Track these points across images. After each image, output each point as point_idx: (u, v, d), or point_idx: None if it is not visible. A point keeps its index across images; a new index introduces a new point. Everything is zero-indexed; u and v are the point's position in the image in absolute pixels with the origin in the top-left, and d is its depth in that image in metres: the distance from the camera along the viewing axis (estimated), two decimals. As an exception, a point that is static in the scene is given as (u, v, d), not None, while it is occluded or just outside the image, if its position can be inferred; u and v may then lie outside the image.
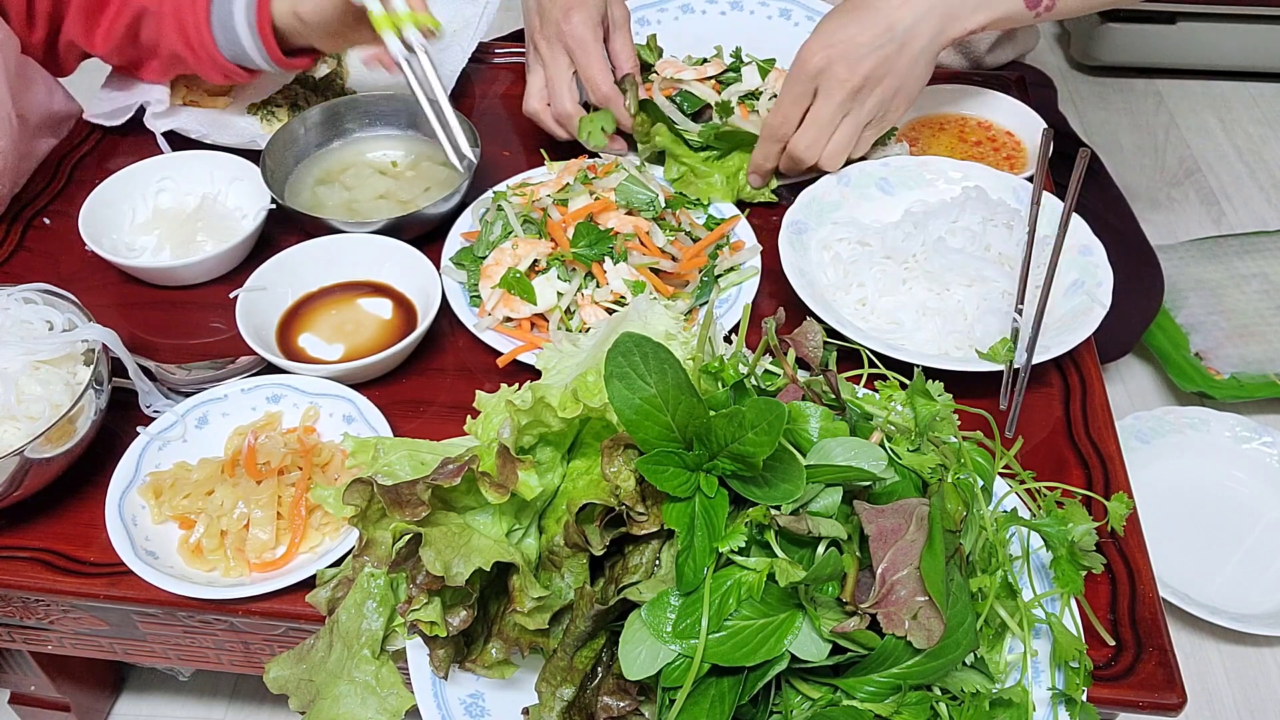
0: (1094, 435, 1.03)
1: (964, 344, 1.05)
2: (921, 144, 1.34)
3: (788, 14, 1.49)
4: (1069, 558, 0.83)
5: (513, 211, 1.12)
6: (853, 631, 0.66)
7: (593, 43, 1.21)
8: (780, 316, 0.84)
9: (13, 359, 0.94)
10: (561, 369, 0.85)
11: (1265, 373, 1.84)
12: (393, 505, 0.69)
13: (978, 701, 0.70)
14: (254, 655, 1.02)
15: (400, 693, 0.76)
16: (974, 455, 0.83)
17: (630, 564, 0.70)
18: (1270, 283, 1.97)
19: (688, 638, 0.65)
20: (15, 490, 0.92)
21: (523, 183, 1.20)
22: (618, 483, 0.69)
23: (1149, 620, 0.88)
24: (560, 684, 0.71)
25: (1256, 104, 2.60)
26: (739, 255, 1.14)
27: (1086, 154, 1.19)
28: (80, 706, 1.35)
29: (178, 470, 0.96)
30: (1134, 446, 1.70)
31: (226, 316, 1.08)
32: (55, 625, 1.02)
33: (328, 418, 1.01)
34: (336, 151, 1.29)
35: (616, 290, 1.05)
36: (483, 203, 1.19)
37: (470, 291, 1.11)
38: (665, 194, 1.16)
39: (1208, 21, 2.52)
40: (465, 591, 0.70)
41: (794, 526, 0.67)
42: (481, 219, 1.17)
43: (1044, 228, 1.13)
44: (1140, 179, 2.38)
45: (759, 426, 0.64)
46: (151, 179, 1.23)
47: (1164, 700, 0.84)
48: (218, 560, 0.91)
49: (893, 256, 1.11)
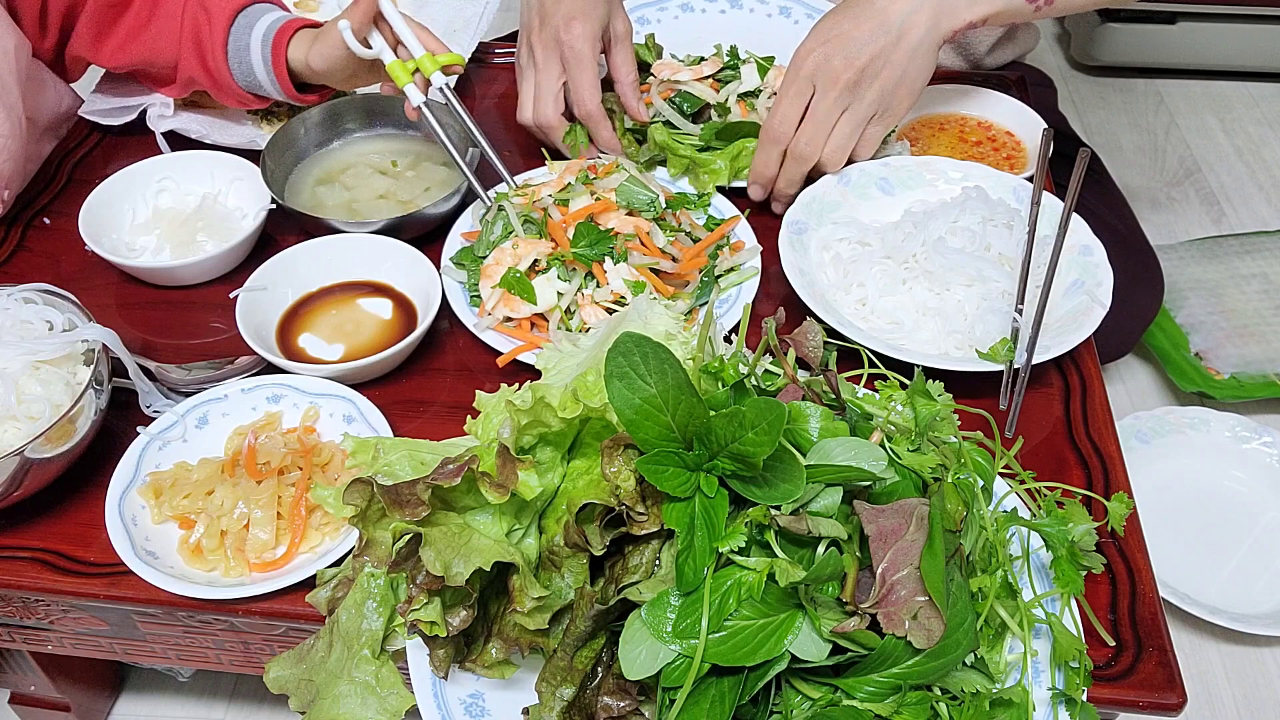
0: (1094, 435, 1.03)
1: (964, 344, 1.05)
2: (922, 144, 1.34)
3: (788, 11, 1.49)
4: (1069, 558, 0.83)
5: (514, 211, 1.12)
6: (853, 631, 0.66)
7: (589, 57, 1.20)
8: (780, 316, 0.84)
9: (13, 359, 0.94)
10: (561, 369, 0.85)
11: (1265, 373, 1.84)
12: (393, 505, 0.69)
13: (978, 701, 0.70)
14: (254, 655, 1.01)
15: (400, 693, 0.76)
16: (974, 455, 0.83)
17: (630, 564, 0.70)
18: (1270, 283, 1.97)
19: (688, 638, 0.65)
20: (15, 490, 0.92)
21: (525, 183, 1.20)
22: (618, 483, 0.69)
23: (1149, 620, 0.88)
24: (560, 684, 0.71)
25: (1256, 104, 2.60)
26: (739, 255, 1.14)
27: (1086, 154, 1.19)
28: (80, 706, 1.35)
29: (178, 470, 0.96)
30: (1134, 446, 1.70)
31: (226, 316, 1.08)
32: (55, 625, 1.02)
33: (328, 418, 1.01)
34: (336, 151, 1.29)
35: (617, 290, 1.05)
36: (482, 204, 1.19)
37: (470, 291, 1.11)
38: (665, 194, 1.16)
39: (1208, 21, 2.52)
40: (465, 591, 0.70)
41: (794, 526, 0.67)
42: (482, 219, 1.17)
43: (1044, 228, 1.13)
44: (1140, 179, 2.38)
45: (759, 426, 0.64)
46: (151, 179, 1.23)
47: (1164, 700, 0.84)
48: (218, 560, 0.91)
49: (893, 256, 1.11)
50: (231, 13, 1.23)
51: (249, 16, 1.23)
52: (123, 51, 1.26)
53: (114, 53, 1.27)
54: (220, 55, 1.22)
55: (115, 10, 1.25)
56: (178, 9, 1.24)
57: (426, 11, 1.49)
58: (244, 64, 1.23)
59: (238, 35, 1.22)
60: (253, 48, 1.22)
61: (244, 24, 1.23)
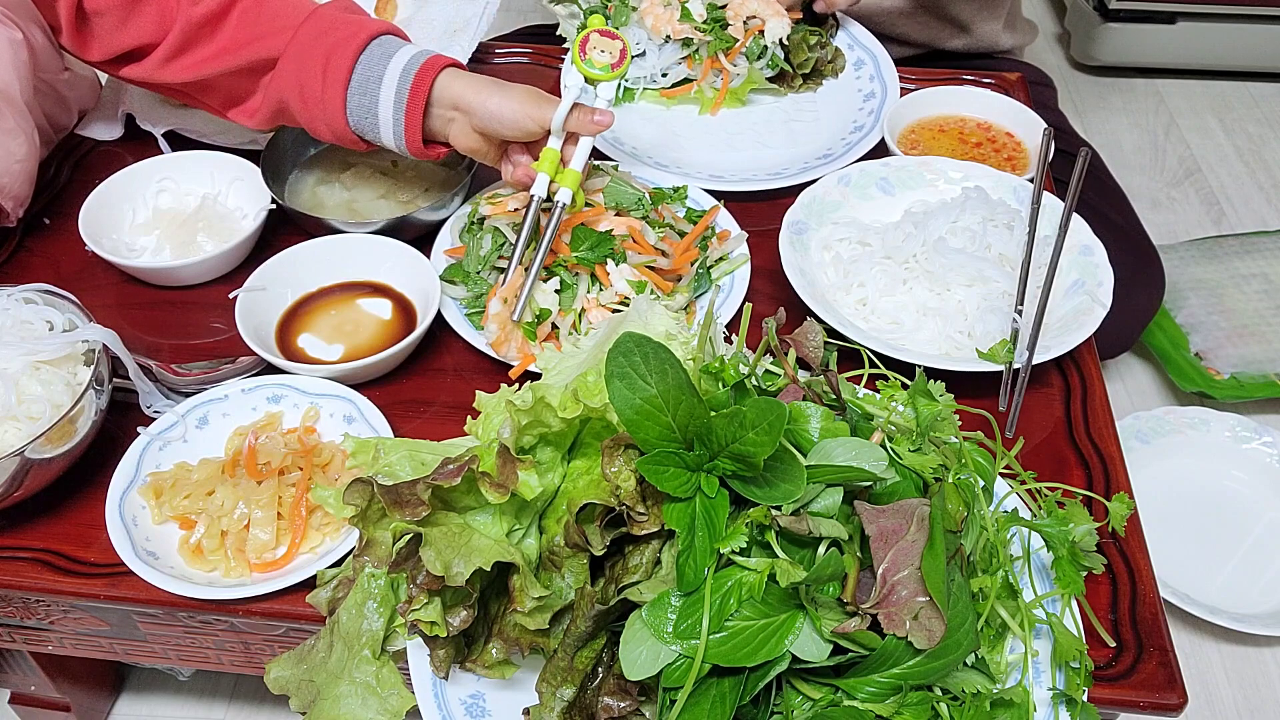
0: (1094, 435, 1.03)
1: (964, 344, 1.05)
2: (922, 147, 1.34)
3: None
4: (1070, 558, 0.83)
5: (506, 224, 1.12)
6: (854, 632, 0.66)
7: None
8: (781, 316, 0.84)
9: (13, 359, 0.94)
10: (562, 369, 0.85)
11: (1265, 373, 1.84)
12: (393, 505, 0.69)
13: (978, 702, 0.70)
14: (254, 655, 1.01)
15: (401, 693, 0.76)
16: (975, 455, 0.83)
17: (631, 564, 0.70)
18: (1270, 283, 1.97)
19: (688, 638, 0.65)
20: (16, 490, 0.92)
21: (494, 194, 1.19)
22: (618, 483, 0.69)
23: (1150, 620, 0.88)
24: (561, 684, 0.71)
25: (1256, 104, 2.59)
26: (727, 244, 1.15)
27: (1087, 153, 1.19)
28: (80, 706, 1.34)
29: (178, 470, 0.96)
30: (1134, 446, 1.70)
31: (226, 316, 1.08)
32: (55, 625, 1.02)
33: (328, 418, 1.01)
34: (336, 151, 1.29)
35: (621, 291, 1.05)
36: (460, 218, 1.19)
37: (468, 307, 1.10)
38: (645, 189, 1.16)
39: (1208, 21, 2.52)
40: (465, 591, 0.70)
41: (795, 527, 0.67)
42: (464, 232, 1.16)
43: (1044, 228, 1.13)
44: (1140, 179, 2.38)
45: (759, 426, 0.64)
46: (151, 179, 1.23)
47: (1165, 700, 0.84)
48: (218, 560, 0.91)
49: (893, 256, 1.11)
50: (366, 38, 1.06)
51: (385, 46, 1.07)
52: (204, 66, 1.12)
53: (193, 68, 1.12)
54: (338, 100, 1.07)
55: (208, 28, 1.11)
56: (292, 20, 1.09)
57: (426, 11, 1.48)
58: (369, 113, 1.07)
59: (368, 65, 1.06)
60: (385, 81, 1.05)
61: (378, 53, 1.06)
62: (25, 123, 1.16)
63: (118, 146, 1.35)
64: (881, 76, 1.42)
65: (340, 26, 1.08)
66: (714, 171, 1.30)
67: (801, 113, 1.42)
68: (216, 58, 1.11)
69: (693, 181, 1.24)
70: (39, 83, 1.22)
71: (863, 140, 1.33)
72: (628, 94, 1.40)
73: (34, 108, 1.19)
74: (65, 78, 1.29)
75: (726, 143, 1.37)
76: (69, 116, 1.35)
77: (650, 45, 1.40)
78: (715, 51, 1.38)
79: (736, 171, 1.31)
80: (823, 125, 1.40)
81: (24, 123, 1.16)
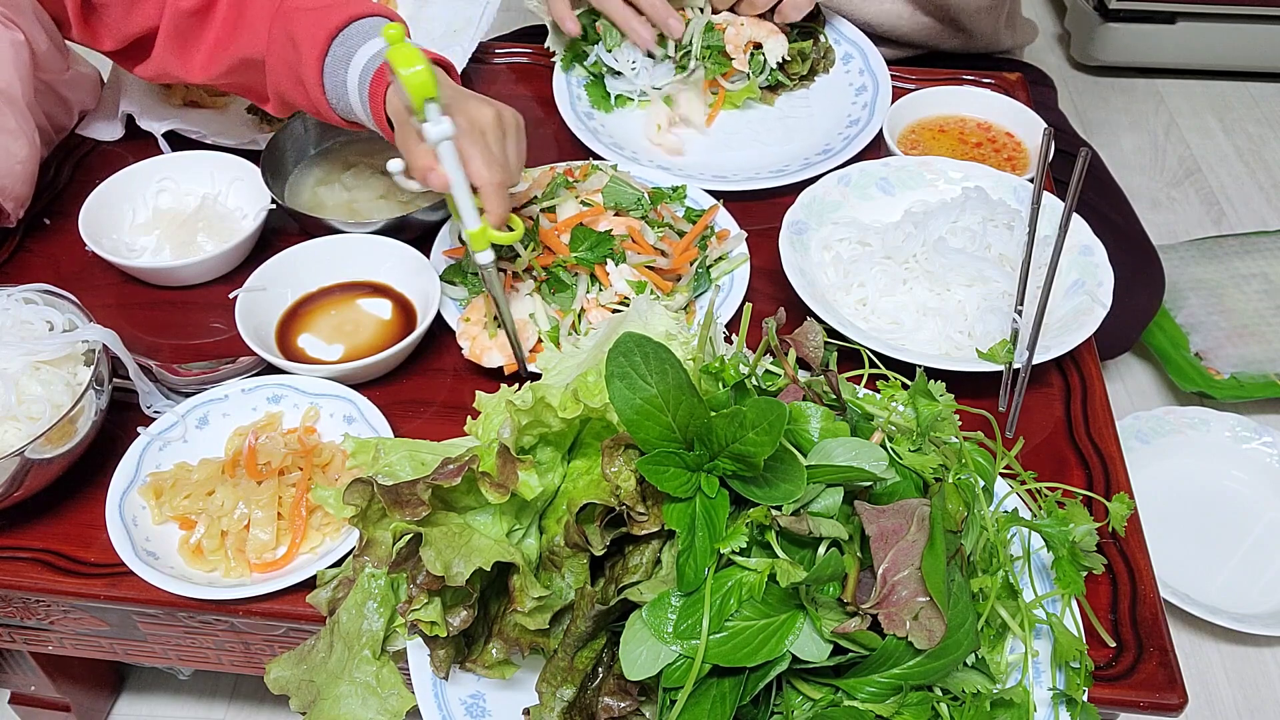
0: (1094, 435, 1.03)
1: (964, 344, 1.05)
2: (922, 147, 1.34)
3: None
4: (1070, 558, 0.83)
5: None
6: (854, 632, 0.66)
7: None
8: (781, 316, 0.84)
9: (13, 359, 0.94)
10: (562, 369, 0.85)
11: (1265, 373, 1.84)
12: (393, 505, 0.69)
13: (979, 702, 0.70)
14: (254, 655, 1.01)
15: (401, 693, 0.76)
16: (975, 455, 0.83)
17: (631, 564, 0.70)
18: (1270, 283, 1.97)
19: (689, 638, 0.65)
20: (16, 490, 0.92)
21: None
22: (618, 483, 0.69)
23: (1150, 620, 0.88)
24: (561, 684, 0.71)
25: (1256, 104, 2.59)
26: (726, 244, 1.15)
27: (1087, 153, 1.19)
28: (80, 706, 1.34)
29: (178, 471, 0.96)
30: (1134, 446, 1.70)
31: (226, 316, 1.08)
32: (55, 625, 1.02)
33: (328, 418, 1.01)
34: (336, 151, 1.29)
35: (621, 291, 1.05)
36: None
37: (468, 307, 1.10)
38: (644, 189, 1.16)
39: (1208, 21, 2.52)
40: (465, 591, 0.70)
41: (795, 527, 0.67)
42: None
43: (1044, 228, 1.13)
44: (1140, 179, 2.38)
45: (760, 426, 0.64)
46: (151, 179, 1.23)
47: (1165, 700, 0.84)
48: (218, 561, 0.91)
49: (893, 256, 1.11)
50: (324, 42, 1.06)
51: (346, 44, 1.06)
52: (213, 62, 1.14)
53: (204, 65, 1.15)
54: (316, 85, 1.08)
55: (197, 18, 1.13)
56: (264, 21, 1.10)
57: (427, 11, 1.48)
58: (341, 102, 1.09)
59: (333, 70, 1.07)
60: (349, 86, 1.07)
61: (341, 55, 1.06)
62: (26, 124, 1.16)
63: (118, 146, 1.35)
64: (871, 70, 1.43)
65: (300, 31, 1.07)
66: (714, 171, 1.30)
67: (796, 110, 1.42)
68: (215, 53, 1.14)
69: (692, 181, 1.24)
70: (39, 83, 1.22)
71: (861, 134, 1.33)
72: (621, 101, 1.40)
73: (35, 108, 1.20)
74: (66, 78, 1.29)
75: (724, 142, 1.37)
76: (69, 117, 1.35)
77: (642, 62, 1.39)
78: (714, 76, 1.37)
79: (736, 171, 1.31)
80: (818, 121, 1.40)
81: (25, 124, 1.16)
